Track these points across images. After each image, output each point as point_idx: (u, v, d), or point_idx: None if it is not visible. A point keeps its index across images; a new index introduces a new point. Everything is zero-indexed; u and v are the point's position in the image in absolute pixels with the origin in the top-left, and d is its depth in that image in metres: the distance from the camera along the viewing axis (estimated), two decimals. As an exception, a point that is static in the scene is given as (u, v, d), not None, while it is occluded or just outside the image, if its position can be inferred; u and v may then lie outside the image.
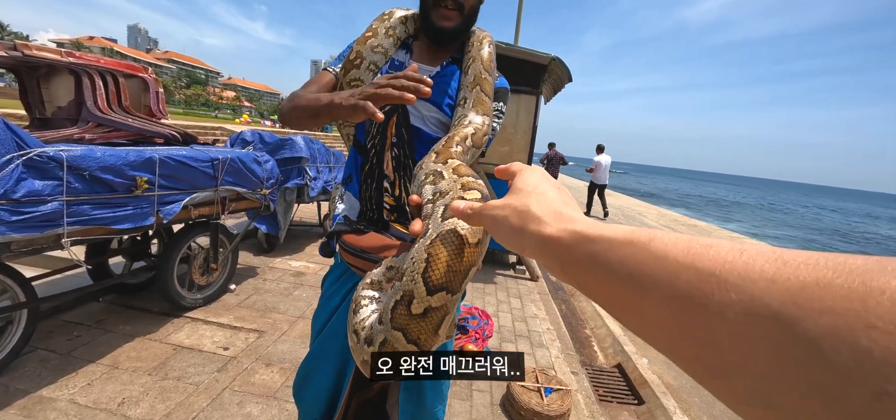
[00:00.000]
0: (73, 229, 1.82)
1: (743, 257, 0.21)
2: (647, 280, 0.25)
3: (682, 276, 0.23)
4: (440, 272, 0.47)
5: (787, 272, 0.19)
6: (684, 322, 0.22)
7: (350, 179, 1.08)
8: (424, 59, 1.03)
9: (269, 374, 2.24)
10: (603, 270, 0.28)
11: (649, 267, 0.25)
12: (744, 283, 0.20)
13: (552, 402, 2.05)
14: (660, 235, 0.26)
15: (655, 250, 0.25)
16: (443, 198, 0.54)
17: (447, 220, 0.49)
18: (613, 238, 0.29)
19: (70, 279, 2.81)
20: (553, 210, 0.36)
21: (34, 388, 1.94)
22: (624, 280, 0.27)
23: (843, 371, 0.16)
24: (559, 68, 4.60)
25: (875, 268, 0.17)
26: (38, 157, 1.63)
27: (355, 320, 0.60)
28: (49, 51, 2.13)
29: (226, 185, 2.60)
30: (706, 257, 0.22)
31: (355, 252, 0.94)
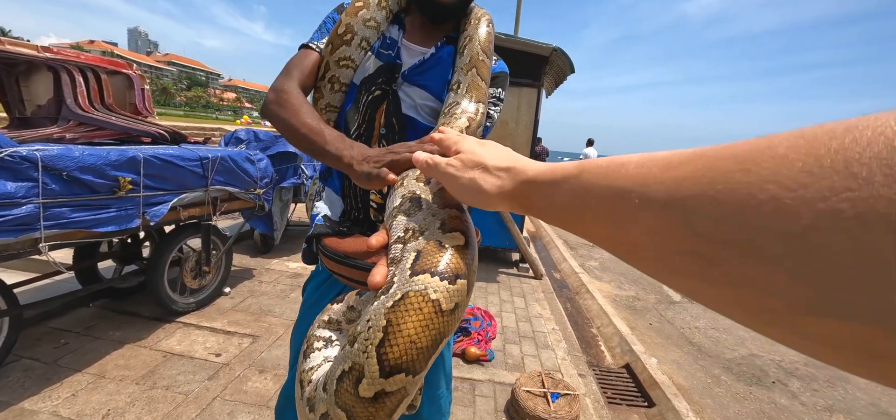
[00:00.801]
0: (51, 233, 1.72)
1: (642, 168, 0.26)
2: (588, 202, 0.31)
3: (605, 198, 0.28)
4: (400, 349, 0.35)
5: (670, 174, 0.24)
6: (612, 229, 0.29)
7: (329, 173, 0.96)
8: (417, 37, 0.92)
9: (262, 381, 2.15)
10: (557, 206, 0.34)
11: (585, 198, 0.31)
12: (645, 190, 0.25)
13: (559, 408, 1.94)
14: (587, 166, 0.31)
15: (585, 181, 0.31)
16: (416, 238, 0.42)
17: (417, 275, 0.37)
18: (552, 181, 0.35)
19: (58, 284, 2.72)
20: (506, 156, 0.40)
21: (16, 400, 1.86)
22: (564, 210, 0.33)
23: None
24: (561, 59, 4.48)
25: (721, 152, 0.22)
26: (10, 158, 1.53)
27: (304, 367, 0.48)
28: (24, 46, 2.03)
29: (217, 184, 2.50)
30: (618, 176, 0.28)
31: (338, 258, 0.83)
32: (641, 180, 0.25)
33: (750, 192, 0.18)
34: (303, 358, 0.49)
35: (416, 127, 0.89)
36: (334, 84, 0.89)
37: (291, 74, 0.86)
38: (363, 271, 0.80)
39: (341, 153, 0.71)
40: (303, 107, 0.80)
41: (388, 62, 0.88)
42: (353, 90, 0.90)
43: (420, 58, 0.88)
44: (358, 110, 0.90)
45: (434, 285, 0.37)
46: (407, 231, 0.44)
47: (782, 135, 0.19)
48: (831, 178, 0.16)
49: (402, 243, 0.43)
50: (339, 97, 0.91)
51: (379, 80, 0.88)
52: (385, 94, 0.88)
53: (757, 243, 0.18)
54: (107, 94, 2.45)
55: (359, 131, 0.90)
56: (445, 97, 0.87)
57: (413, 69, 0.88)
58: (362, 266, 0.80)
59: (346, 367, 0.38)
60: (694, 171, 0.22)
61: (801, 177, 0.17)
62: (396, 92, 0.88)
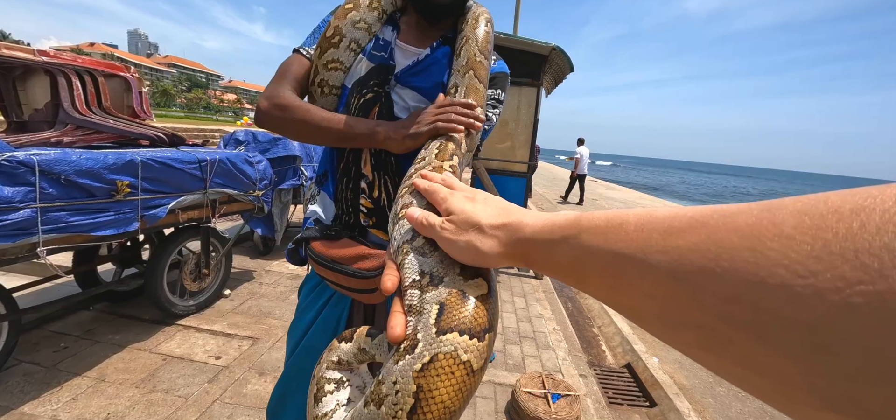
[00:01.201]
0: (49, 237, 1.72)
1: (643, 233, 0.25)
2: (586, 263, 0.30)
3: (609, 262, 0.27)
4: (434, 416, 0.33)
5: (672, 243, 0.23)
6: (612, 292, 0.28)
7: (325, 178, 0.95)
8: (412, 38, 0.90)
9: (262, 383, 2.14)
10: (550, 266, 0.33)
11: (584, 260, 0.30)
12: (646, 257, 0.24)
13: (560, 409, 1.93)
14: (585, 223, 0.30)
15: (584, 242, 0.29)
16: (436, 287, 0.38)
17: (444, 333, 0.35)
18: (550, 239, 0.33)
19: (57, 288, 2.72)
20: (501, 208, 0.39)
21: (16, 405, 1.85)
22: (559, 269, 0.32)
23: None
24: (560, 58, 4.46)
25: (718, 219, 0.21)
26: (7, 162, 1.53)
27: (316, 412, 0.45)
28: (20, 50, 2.03)
29: (215, 186, 2.50)
30: (617, 240, 0.27)
31: (325, 262, 0.82)
32: (642, 245, 0.24)
33: (759, 274, 0.17)
34: (314, 401, 0.46)
35: None
36: (324, 88, 0.87)
37: (282, 81, 0.85)
38: (349, 276, 0.79)
39: (374, 130, 0.73)
40: (309, 104, 0.81)
41: (380, 64, 0.86)
42: (344, 93, 0.89)
43: (414, 59, 0.86)
44: (349, 113, 0.88)
45: (464, 345, 0.35)
46: (423, 276, 0.40)
47: (785, 208, 0.18)
48: (842, 268, 0.15)
49: (419, 290, 0.39)
50: (332, 101, 0.89)
51: (371, 82, 0.86)
52: (377, 97, 0.86)
53: (768, 329, 0.17)
54: (104, 97, 2.44)
55: None
56: None
57: (406, 71, 0.86)
58: (348, 271, 0.79)
59: None
60: (697, 243, 0.21)
61: (811, 263, 0.16)
62: (389, 94, 0.86)
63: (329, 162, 0.94)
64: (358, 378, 0.49)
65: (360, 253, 0.80)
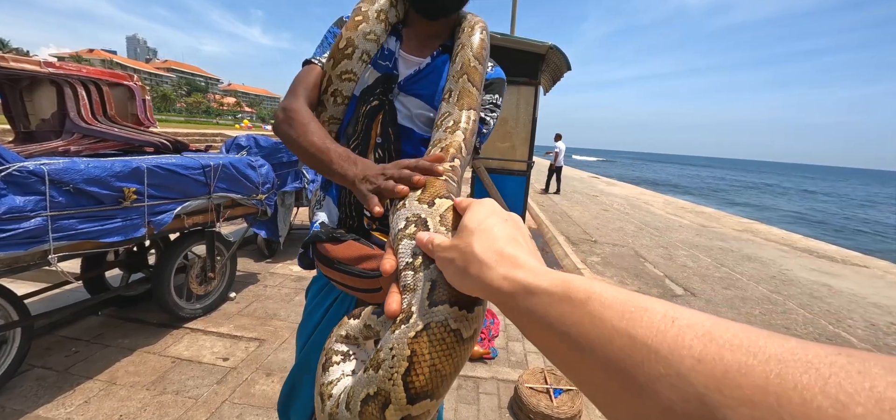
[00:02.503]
0: (60, 245, 1.76)
1: (673, 328, 0.21)
2: (583, 340, 0.25)
3: (616, 342, 0.23)
4: (425, 377, 0.38)
5: (712, 352, 0.19)
6: (618, 388, 0.23)
7: (329, 183, 0.99)
8: (413, 47, 0.94)
9: (270, 384, 2.19)
10: (542, 325, 0.28)
11: (585, 328, 0.25)
12: (672, 357, 0.20)
13: (562, 404, 1.97)
14: (597, 293, 0.26)
15: (592, 311, 0.25)
16: (428, 267, 0.42)
17: (436, 305, 0.39)
18: (552, 291, 0.28)
19: (66, 294, 2.77)
20: (496, 250, 0.34)
21: (31, 409, 1.90)
22: (562, 338, 0.26)
23: None
24: (557, 57, 4.49)
25: (790, 359, 0.17)
26: (18, 172, 1.57)
27: (323, 380, 0.50)
28: (27, 61, 2.07)
29: (219, 191, 2.54)
30: (640, 324, 0.22)
31: (331, 263, 0.86)
32: (674, 348, 0.20)
33: None
34: (322, 370, 0.51)
35: (411, 137, 0.92)
36: (336, 97, 0.91)
37: (297, 92, 0.89)
38: (354, 277, 0.83)
39: (346, 172, 0.73)
40: (310, 124, 0.82)
41: (385, 73, 0.91)
42: (353, 102, 0.93)
43: (416, 68, 0.90)
44: (357, 121, 0.92)
45: (454, 315, 0.38)
46: (415, 257, 0.44)
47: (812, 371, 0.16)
48: None
49: (413, 270, 0.44)
50: (342, 110, 0.94)
51: (376, 90, 0.90)
52: (381, 105, 0.90)
53: None
54: (109, 106, 2.49)
55: (356, 141, 0.92)
56: (438, 106, 0.89)
57: (409, 79, 0.90)
58: (354, 271, 0.82)
59: (371, 392, 0.40)
60: (756, 383, 0.17)
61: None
62: (392, 102, 0.90)
63: None
64: (363, 353, 0.53)
65: (364, 254, 0.84)
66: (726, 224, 8.90)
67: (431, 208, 0.50)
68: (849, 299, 4.42)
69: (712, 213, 10.44)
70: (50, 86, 2.30)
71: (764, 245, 7.00)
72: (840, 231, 14.94)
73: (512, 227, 0.38)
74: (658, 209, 10.33)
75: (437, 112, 0.88)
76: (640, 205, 10.83)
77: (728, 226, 8.68)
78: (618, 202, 10.66)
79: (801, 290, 4.58)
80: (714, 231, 7.90)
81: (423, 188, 0.57)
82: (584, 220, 7.81)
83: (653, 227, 7.82)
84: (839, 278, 5.22)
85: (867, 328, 3.76)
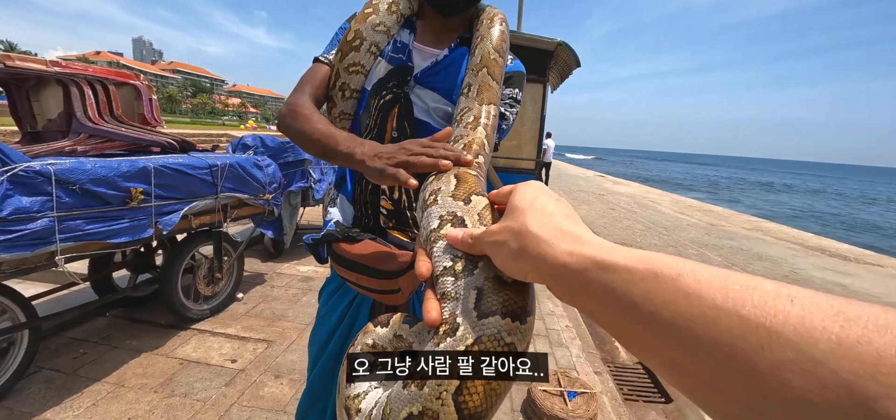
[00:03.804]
0: (66, 246, 1.74)
1: (796, 307, 0.19)
2: (678, 322, 0.22)
3: (722, 323, 0.20)
4: (480, 396, 0.34)
5: (855, 334, 0.17)
6: (726, 376, 0.20)
7: (343, 181, 0.95)
8: (429, 39, 0.90)
9: (278, 386, 2.16)
10: (621, 305, 0.25)
11: (679, 307, 0.22)
12: (802, 341, 0.18)
13: (577, 407, 1.92)
14: (689, 269, 0.23)
15: (686, 287, 0.22)
16: (471, 273, 0.38)
17: (486, 316, 0.35)
18: (633, 267, 0.25)
19: (74, 295, 2.76)
20: (555, 227, 0.31)
21: (38, 411, 1.88)
22: (648, 319, 0.23)
23: None
24: (566, 53, 4.43)
25: None
26: (24, 173, 1.55)
27: (348, 393, 0.45)
28: (34, 61, 2.06)
29: (226, 191, 2.51)
30: (750, 303, 0.20)
31: (347, 263, 0.82)
32: (803, 330, 0.18)
33: None
34: (346, 382, 0.45)
35: (428, 131, 0.87)
36: (345, 91, 0.88)
37: (303, 88, 0.87)
38: (371, 277, 0.79)
39: (353, 150, 0.69)
40: (313, 115, 0.80)
41: (399, 66, 0.87)
42: (364, 96, 0.89)
43: (433, 60, 0.87)
44: (370, 115, 0.88)
45: (507, 327, 0.35)
46: (455, 261, 0.40)
47: None
48: None
49: (453, 276, 0.39)
50: (352, 104, 0.90)
51: (390, 84, 0.87)
52: (396, 98, 0.86)
53: None
54: (115, 105, 2.47)
55: (371, 136, 0.89)
56: (457, 101, 0.85)
57: (425, 72, 0.86)
58: (371, 271, 0.79)
59: (414, 411, 0.35)
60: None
61: None
62: (408, 95, 0.86)
63: None
64: (396, 392, 0.48)
65: (381, 253, 0.80)
66: (735, 222, 8.79)
67: (468, 205, 0.45)
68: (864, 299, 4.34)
69: (721, 212, 10.31)
70: (56, 86, 2.28)
71: (774, 243, 6.90)
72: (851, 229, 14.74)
73: (566, 206, 0.35)
74: (666, 208, 10.22)
75: (455, 107, 0.84)
76: (647, 203, 10.72)
77: (737, 224, 8.57)
78: (624, 201, 10.57)
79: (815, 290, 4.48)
80: (723, 230, 7.80)
81: (457, 183, 0.51)
82: (590, 219, 7.74)
83: (661, 226, 7.73)
84: (854, 278, 5.12)
85: (885, 328, 3.67)
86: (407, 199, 0.87)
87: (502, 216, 0.37)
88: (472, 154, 0.66)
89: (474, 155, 0.66)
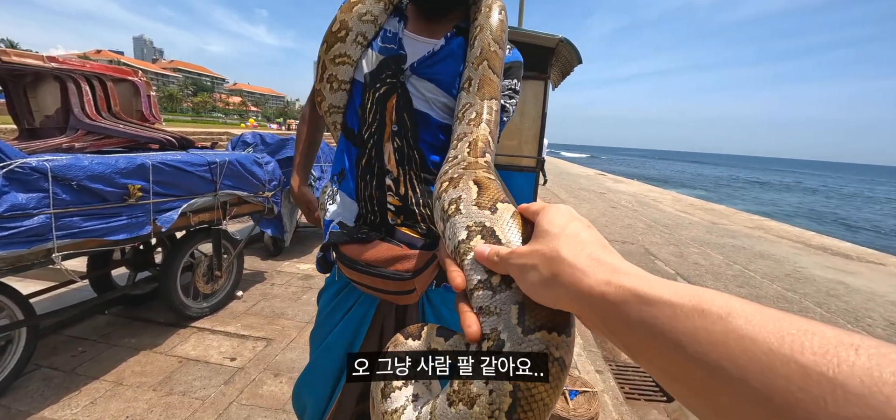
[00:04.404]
0: (64, 243, 1.73)
1: (861, 358, 0.17)
2: (729, 365, 0.20)
3: (778, 371, 0.19)
4: (534, 414, 0.34)
5: None
6: None
7: (343, 176, 0.92)
8: (421, 28, 0.87)
9: (278, 384, 2.14)
10: (665, 342, 0.24)
11: (730, 350, 0.21)
12: (872, 396, 0.16)
13: (578, 406, 1.90)
14: (739, 308, 0.22)
15: (737, 328, 0.21)
16: (510, 286, 0.37)
17: (532, 332, 0.34)
18: (678, 303, 0.24)
19: (73, 293, 2.75)
20: (590, 256, 0.30)
21: (36, 409, 1.87)
22: (695, 359, 0.22)
23: None
24: (567, 50, 4.39)
25: None
26: (20, 169, 1.53)
27: (385, 408, 0.44)
28: (30, 57, 2.04)
29: (225, 189, 2.50)
30: (809, 350, 0.18)
31: (359, 266, 0.79)
32: (871, 384, 0.17)
33: None
34: (381, 397, 0.45)
35: (429, 123, 0.85)
36: (333, 83, 0.86)
37: (313, 90, 0.91)
38: (386, 279, 0.77)
39: (295, 174, 0.86)
40: (305, 118, 0.96)
41: (391, 55, 0.85)
42: (358, 89, 0.87)
43: (429, 49, 0.84)
44: (366, 109, 0.86)
45: (555, 342, 0.34)
46: (492, 274, 0.39)
47: None
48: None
49: (490, 290, 0.38)
50: (341, 96, 0.88)
51: (383, 75, 0.84)
52: (393, 88, 0.84)
53: None
54: (113, 101, 2.45)
55: (370, 130, 0.86)
56: (457, 96, 0.83)
57: (422, 61, 0.84)
58: (386, 274, 0.77)
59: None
60: None
61: None
62: (404, 85, 0.84)
63: (347, 158, 0.91)
64: (440, 410, 0.48)
65: (395, 254, 0.78)
66: (737, 221, 8.76)
67: (494, 214, 0.43)
68: (867, 298, 4.31)
69: (722, 210, 10.28)
70: (54, 82, 2.26)
71: (776, 242, 6.87)
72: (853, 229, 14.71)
73: (598, 234, 0.34)
74: (667, 206, 10.19)
75: (456, 101, 0.82)
76: (648, 202, 10.70)
77: (739, 222, 8.54)
78: (626, 199, 10.55)
79: (817, 288, 4.46)
80: (725, 228, 7.78)
81: (479, 190, 0.49)
82: (592, 217, 7.71)
83: (662, 224, 7.70)
84: (855, 276, 5.09)
85: (887, 327, 3.65)
86: (413, 195, 0.85)
87: (533, 237, 0.36)
88: (478, 152, 0.65)
89: (481, 153, 0.65)
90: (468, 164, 0.59)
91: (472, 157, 0.63)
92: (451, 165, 0.60)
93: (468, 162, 0.60)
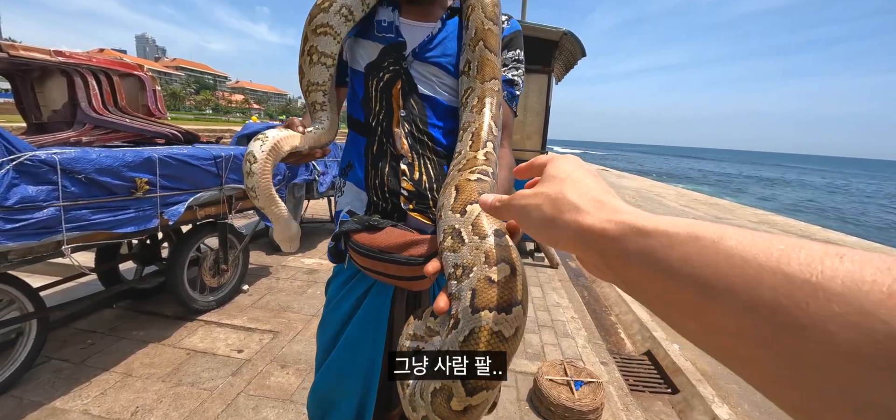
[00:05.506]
0: (73, 235, 1.74)
1: (845, 263, 0.18)
2: (719, 283, 0.21)
3: (765, 282, 0.19)
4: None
5: None
6: (767, 334, 0.19)
7: (350, 167, 0.92)
8: (415, 13, 0.85)
9: (285, 376, 2.16)
10: (659, 269, 0.25)
11: (721, 269, 0.21)
12: (851, 294, 0.17)
13: (584, 396, 1.91)
14: (731, 232, 0.22)
15: (728, 249, 0.22)
16: (467, 277, 0.47)
17: (478, 311, 0.43)
18: (673, 232, 0.25)
19: (82, 286, 2.78)
20: (592, 197, 0.32)
21: (47, 400, 1.90)
22: (686, 281, 0.23)
23: None
24: (571, 43, 4.37)
25: None
26: (30, 162, 1.55)
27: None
28: (37, 51, 2.05)
29: (231, 182, 2.51)
30: (795, 261, 0.19)
31: (371, 253, 0.79)
32: (852, 284, 0.17)
33: None
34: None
35: (437, 107, 0.85)
36: (313, 55, 0.81)
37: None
38: (400, 265, 0.77)
39: None
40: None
41: (390, 44, 0.84)
42: (360, 80, 0.87)
43: (428, 33, 0.83)
44: (371, 99, 0.86)
45: (494, 319, 0.42)
46: (456, 268, 0.49)
47: None
48: None
49: (456, 280, 0.48)
50: (322, 72, 0.83)
51: (385, 63, 0.84)
52: (397, 74, 0.83)
53: None
54: (119, 96, 2.46)
55: (377, 118, 0.86)
56: (459, 80, 0.82)
57: (423, 46, 0.83)
58: (400, 260, 0.77)
59: (437, 387, 0.45)
60: None
61: None
62: (408, 70, 0.83)
63: (354, 150, 0.91)
64: (431, 346, 0.60)
65: (408, 240, 0.78)
66: (741, 216, 8.71)
67: (463, 217, 0.53)
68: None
69: (726, 205, 10.23)
70: (60, 76, 2.27)
71: (782, 236, 6.85)
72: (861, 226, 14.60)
73: (602, 181, 0.35)
74: (671, 201, 10.15)
75: (459, 88, 0.82)
76: (651, 196, 10.65)
77: (744, 218, 8.50)
78: (629, 194, 10.51)
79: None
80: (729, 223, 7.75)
81: (456, 193, 0.57)
82: (595, 213, 7.70)
83: (666, 218, 7.69)
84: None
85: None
86: (427, 180, 0.84)
87: (539, 181, 0.39)
88: (480, 144, 0.70)
89: (482, 144, 0.70)
90: (464, 163, 0.66)
91: (472, 151, 0.69)
92: (452, 165, 0.69)
93: (466, 160, 0.67)
